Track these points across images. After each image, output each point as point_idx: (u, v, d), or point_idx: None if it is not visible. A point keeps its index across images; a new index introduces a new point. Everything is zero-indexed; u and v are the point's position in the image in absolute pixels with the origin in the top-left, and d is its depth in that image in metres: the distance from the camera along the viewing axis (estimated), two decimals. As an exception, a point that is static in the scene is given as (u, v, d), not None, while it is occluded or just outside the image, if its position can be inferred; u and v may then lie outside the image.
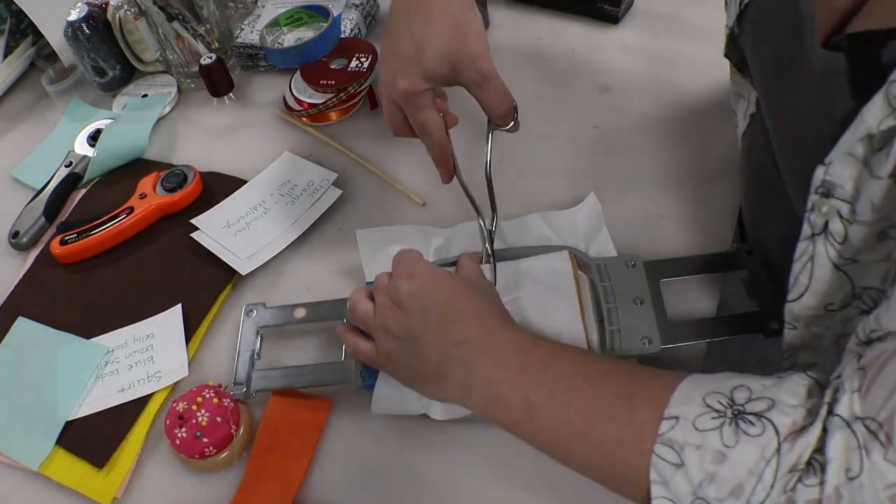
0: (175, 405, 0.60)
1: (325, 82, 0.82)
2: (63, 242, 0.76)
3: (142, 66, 0.94)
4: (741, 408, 0.39)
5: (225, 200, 0.78)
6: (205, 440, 0.58)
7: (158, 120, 0.89)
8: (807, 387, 0.40)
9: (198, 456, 0.58)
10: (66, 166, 0.85)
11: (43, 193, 0.83)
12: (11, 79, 0.98)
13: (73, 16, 0.88)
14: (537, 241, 0.67)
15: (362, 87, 0.82)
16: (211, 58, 0.85)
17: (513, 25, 0.91)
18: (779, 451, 0.37)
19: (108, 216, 0.77)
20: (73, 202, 0.84)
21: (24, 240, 0.79)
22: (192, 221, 0.76)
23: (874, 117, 0.36)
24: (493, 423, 0.50)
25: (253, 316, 0.66)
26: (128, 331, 0.69)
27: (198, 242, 0.74)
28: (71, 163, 0.85)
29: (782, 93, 0.50)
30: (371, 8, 0.94)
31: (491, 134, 0.62)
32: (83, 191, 0.84)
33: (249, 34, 0.91)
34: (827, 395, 0.38)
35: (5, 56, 0.96)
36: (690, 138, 0.75)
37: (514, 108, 0.61)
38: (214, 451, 0.59)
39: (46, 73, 0.96)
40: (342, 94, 0.81)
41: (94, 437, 0.63)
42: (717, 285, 0.64)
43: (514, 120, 0.61)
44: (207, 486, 0.60)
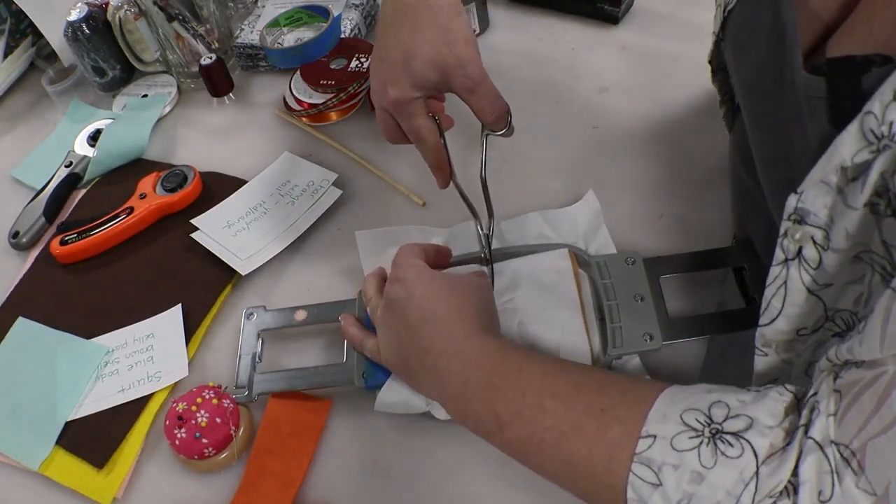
0: (175, 405, 0.60)
1: (325, 82, 0.82)
2: (63, 242, 0.76)
3: (142, 67, 0.94)
4: (719, 426, 0.39)
5: (225, 200, 0.78)
6: (204, 441, 0.58)
7: (158, 120, 0.89)
8: (784, 405, 0.39)
9: (197, 456, 0.58)
10: (66, 166, 0.85)
11: (43, 193, 0.83)
12: (11, 79, 0.98)
13: (73, 16, 0.88)
14: (537, 240, 0.67)
15: (362, 87, 0.82)
16: (211, 58, 0.85)
17: (513, 25, 0.91)
18: (757, 474, 0.37)
19: (108, 216, 0.77)
20: (73, 202, 0.84)
21: (24, 240, 0.79)
22: (192, 221, 0.76)
23: (848, 149, 0.36)
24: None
25: (253, 319, 0.66)
26: (128, 331, 0.69)
27: (198, 242, 0.74)
28: (71, 163, 0.85)
29: (763, 105, 0.50)
30: (371, 8, 0.94)
31: (485, 139, 0.62)
32: (83, 191, 0.84)
33: (249, 34, 0.91)
34: (803, 417, 0.38)
35: (5, 56, 0.96)
36: (690, 138, 0.75)
37: (508, 112, 0.60)
38: (214, 451, 0.59)
39: (46, 74, 0.96)
40: (342, 95, 0.81)
41: (93, 438, 0.63)
42: (717, 281, 0.64)
43: (507, 125, 0.61)
44: (207, 486, 0.60)
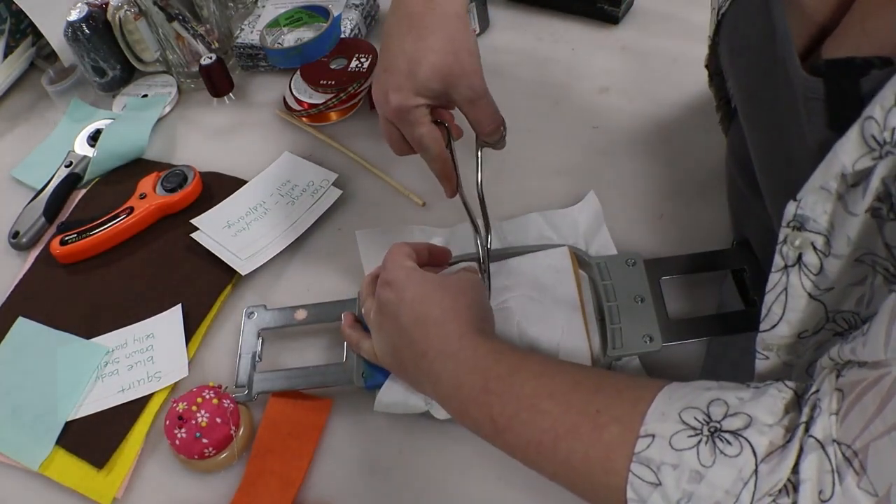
0: (175, 405, 0.60)
1: (325, 82, 0.82)
2: (63, 242, 0.76)
3: (142, 66, 0.94)
4: (718, 425, 0.39)
5: (225, 200, 0.78)
6: (204, 441, 0.58)
7: (158, 120, 0.89)
8: (784, 401, 0.39)
9: (197, 456, 0.58)
10: (66, 166, 0.85)
11: (43, 193, 0.83)
12: (11, 79, 0.98)
13: (73, 16, 0.88)
14: (537, 241, 0.67)
15: (362, 87, 0.82)
16: (211, 58, 0.85)
17: (513, 25, 0.91)
18: (756, 472, 0.37)
19: (108, 216, 0.77)
20: (73, 202, 0.84)
21: (24, 240, 0.79)
22: (192, 221, 0.76)
23: (849, 156, 0.35)
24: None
25: (254, 318, 0.66)
26: (128, 331, 0.69)
27: (198, 242, 0.74)
28: (71, 163, 0.85)
29: (759, 107, 0.50)
30: (371, 8, 0.94)
31: (480, 151, 0.62)
32: (83, 191, 0.84)
33: (249, 34, 0.91)
34: (804, 414, 0.37)
35: (5, 56, 0.96)
36: (690, 138, 0.75)
37: (503, 125, 0.61)
38: (214, 451, 0.59)
39: (46, 73, 0.95)
40: (342, 95, 0.81)
41: (94, 438, 0.63)
42: (718, 283, 0.64)
43: (501, 138, 0.62)
44: (207, 486, 0.60)
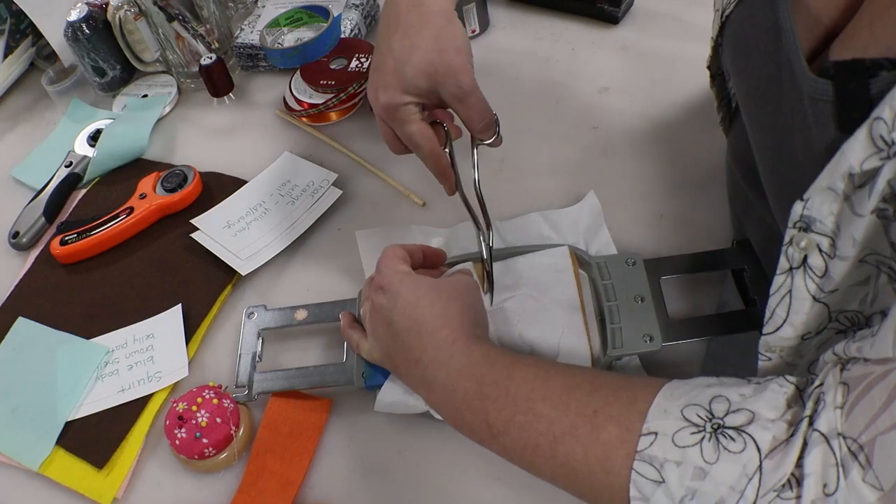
0: (175, 405, 0.60)
1: (325, 82, 0.82)
2: (63, 242, 0.76)
3: (142, 67, 0.94)
4: (720, 421, 0.39)
5: (225, 201, 0.78)
6: (204, 441, 0.58)
7: (158, 120, 0.89)
8: (786, 396, 0.39)
9: (197, 456, 0.58)
10: (66, 166, 0.85)
11: (43, 193, 0.83)
12: (11, 79, 0.98)
13: (73, 16, 0.88)
14: (537, 240, 0.67)
15: (362, 87, 0.82)
16: (211, 58, 0.85)
17: (513, 25, 0.91)
18: (760, 468, 0.37)
19: (108, 216, 0.77)
20: (73, 202, 0.84)
21: (24, 240, 0.79)
22: (192, 222, 0.76)
23: (856, 155, 0.35)
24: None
25: (254, 318, 0.66)
26: (128, 331, 0.69)
27: (198, 242, 0.74)
28: (71, 163, 0.85)
29: (764, 109, 0.50)
30: (371, 8, 0.94)
31: (475, 149, 0.62)
32: (83, 191, 0.84)
33: (249, 34, 0.91)
34: (808, 408, 0.37)
35: (5, 56, 0.96)
36: (690, 138, 0.75)
37: (496, 122, 0.61)
38: (214, 451, 0.59)
39: (46, 74, 0.95)
40: (342, 95, 0.81)
41: (94, 438, 0.63)
42: (718, 283, 0.64)
43: (496, 134, 0.62)
44: (207, 486, 0.60)
